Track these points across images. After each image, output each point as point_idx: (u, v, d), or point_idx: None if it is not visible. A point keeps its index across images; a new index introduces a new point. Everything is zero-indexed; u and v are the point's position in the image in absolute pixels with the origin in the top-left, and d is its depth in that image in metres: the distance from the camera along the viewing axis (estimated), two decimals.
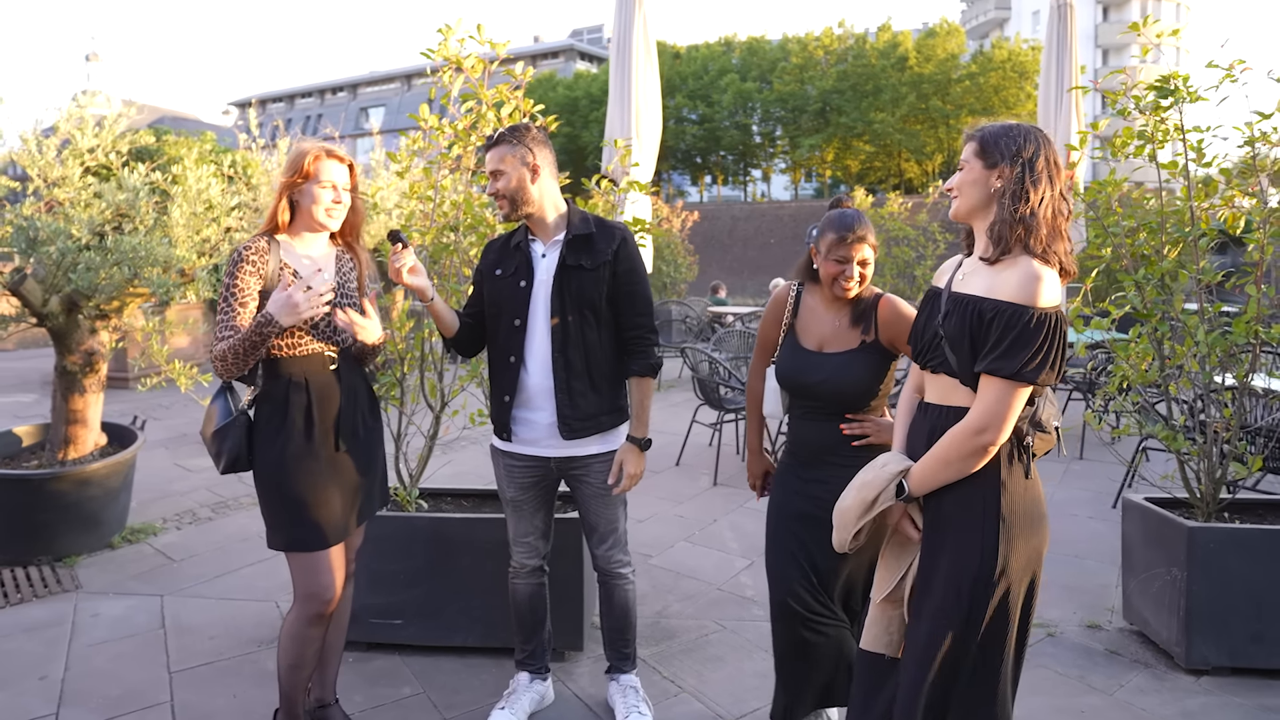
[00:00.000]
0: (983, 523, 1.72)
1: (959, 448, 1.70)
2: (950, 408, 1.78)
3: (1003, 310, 1.66)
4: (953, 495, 1.76)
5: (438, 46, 2.99)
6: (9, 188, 3.72)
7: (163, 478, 5.25)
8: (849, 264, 2.20)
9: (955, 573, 1.73)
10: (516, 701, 2.62)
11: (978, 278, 1.76)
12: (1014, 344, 1.64)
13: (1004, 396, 1.66)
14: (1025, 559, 1.73)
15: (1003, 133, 1.75)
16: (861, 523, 1.84)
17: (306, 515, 2.21)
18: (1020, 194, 1.70)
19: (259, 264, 2.19)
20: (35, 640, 3.16)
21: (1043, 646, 3.15)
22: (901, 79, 35.67)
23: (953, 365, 1.75)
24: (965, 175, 1.79)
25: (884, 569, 1.92)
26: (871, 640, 1.92)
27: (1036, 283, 1.65)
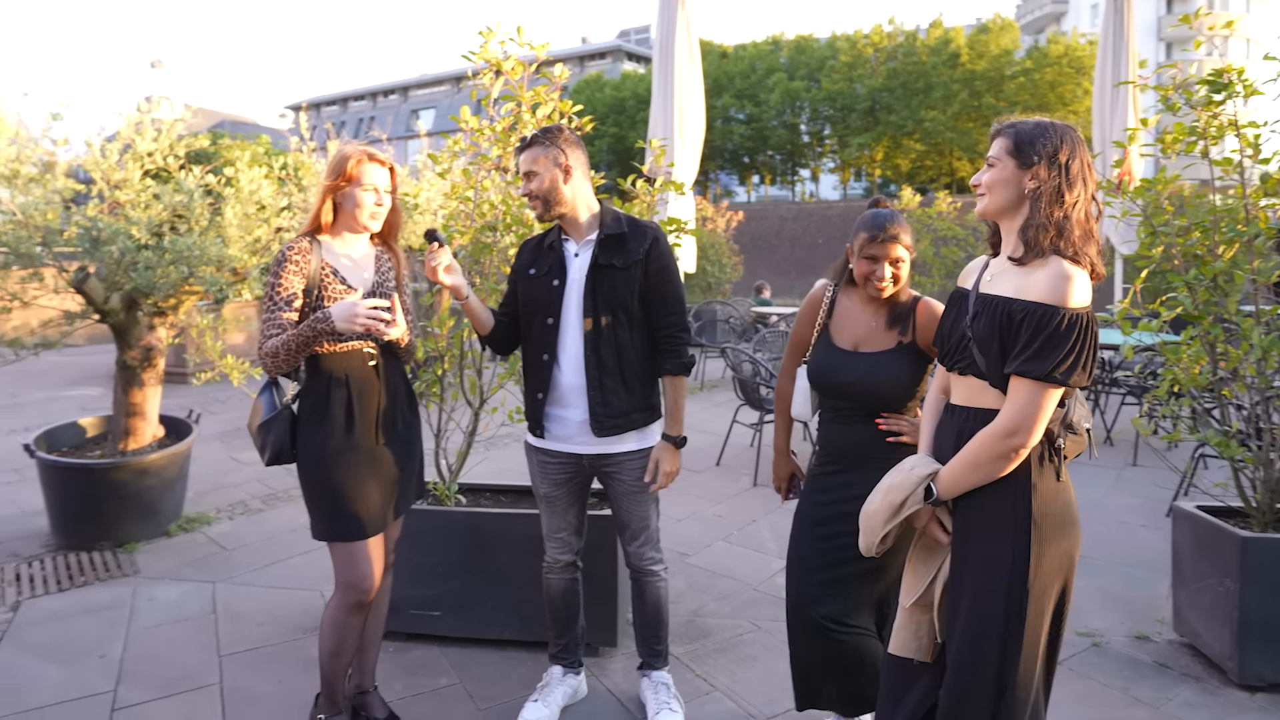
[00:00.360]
0: (1014, 526, 1.69)
1: (989, 451, 1.67)
2: (978, 410, 1.76)
3: (1033, 311, 1.64)
4: (982, 498, 1.73)
5: (479, 49, 3.04)
6: (75, 190, 3.91)
7: (217, 470, 5.44)
8: (880, 263, 2.18)
9: (986, 577, 1.71)
10: (550, 695, 2.66)
11: (1006, 278, 1.73)
12: (1044, 345, 1.61)
13: (1035, 398, 1.63)
14: (1057, 563, 1.70)
15: (1038, 132, 1.71)
16: (889, 526, 1.82)
17: (346, 507, 2.28)
18: (1056, 197, 1.67)
19: (302, 264, 2.27)
20: (97, 621, 3.31)
21: (1087, 656, 3.08)
22: (953, 76, 34.96)
23: (981, 367, 1.72)
24: (997, 174, 1.75)
25: (912, 573, 1.89)
26: (900, 645, 1.90)
27: (1067, 283, 1.62)
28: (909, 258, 2.22)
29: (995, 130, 1.80)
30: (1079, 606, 3.46)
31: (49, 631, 3.22)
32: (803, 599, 2.25)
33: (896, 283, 2.21)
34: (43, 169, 3.88)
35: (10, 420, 6.98)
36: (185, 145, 4.10)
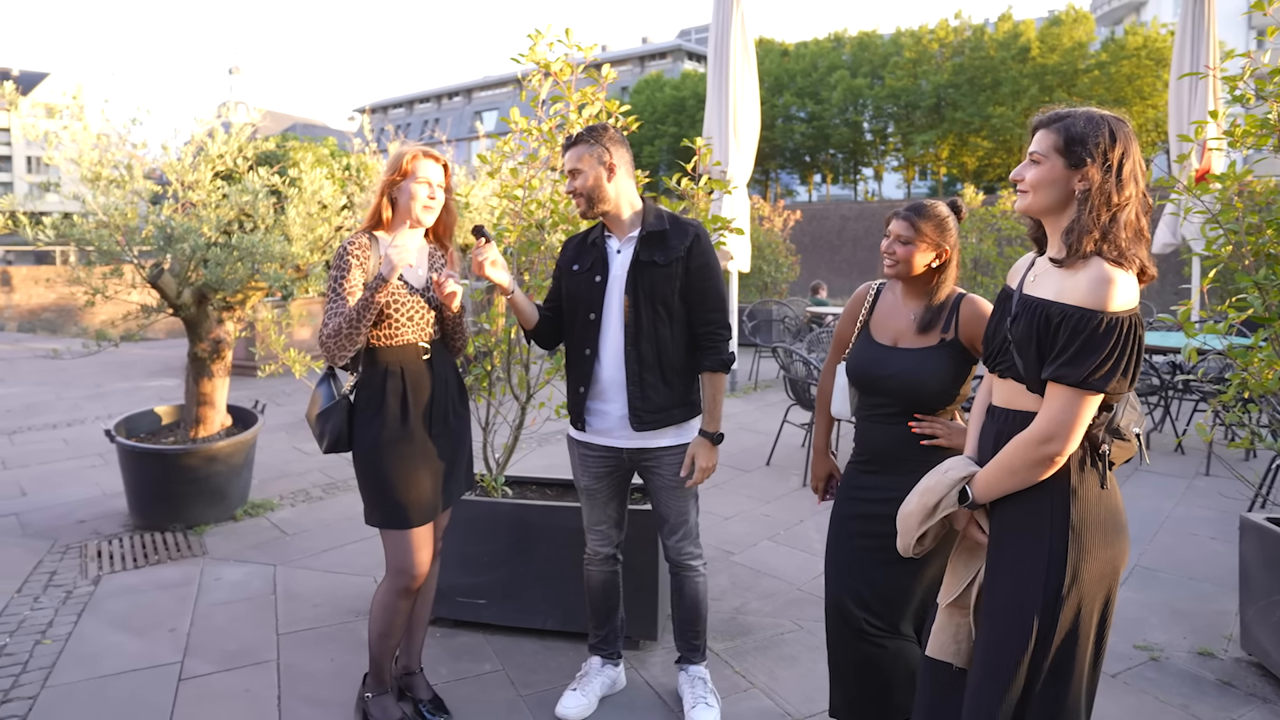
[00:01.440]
0: (1050, 531, 1.64)
1: (1024, 457, 1.63)
2: (1017, 412, 1.71)
3: (1070, 314, 1.58)
4: (1019, 502, 1.69)
5: (528, 51, 3.11)
6: (154, 191, 4.13)
7: (281, 459, 5.67)
8: (887, 239, 2.23)
9: (1021, 584, 1.66)
10: (588, 684, 2.71)
11: (1049, 279, 1.67)
12: (1081, 350, 1.56)
13: (1070, 405, 1.58)
14: (1099, 572, 1.64)
15: (1089, 128, 1.62)
16: (924, 528, 1.79)
17: (399, 495, 2.37)
18: (1105, 200, 1.60)
19: (361, 258, 2.36)
20: (167, 597, 3.51)
21: (1144, 670, 2.97)
22: (1023, 70, 33.84)
23: (1020, 370, 1.68)
24: (1042, 173, 1.67)
25: (952, 573, 1.87)
26: (938, 648, 1.86)
27: (1108, 286, 1.55)
28: (918, 240, 2.19)
29: (1039, 121, 1.71)
30: (1138, 619, 3.34)
31: (125, 605, 3.43)
32: (841, 598, 2.24)
33: (900, 263, 2.21)
34: (123, 171, 4.11)
35: (96, 408, 7.41)
36: (254, 148, 4.30)
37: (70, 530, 4.30)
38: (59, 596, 3.50)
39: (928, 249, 2.20)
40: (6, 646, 3.06)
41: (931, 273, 2.23)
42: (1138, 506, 4.72)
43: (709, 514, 4.55)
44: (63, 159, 4.07)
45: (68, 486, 5.06)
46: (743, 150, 7.59)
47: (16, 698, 2.73)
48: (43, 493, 4.95)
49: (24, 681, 2.83)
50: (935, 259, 2.21)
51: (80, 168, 4.04)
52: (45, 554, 3.98)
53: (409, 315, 2.40)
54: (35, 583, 3.65)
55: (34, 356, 10.76)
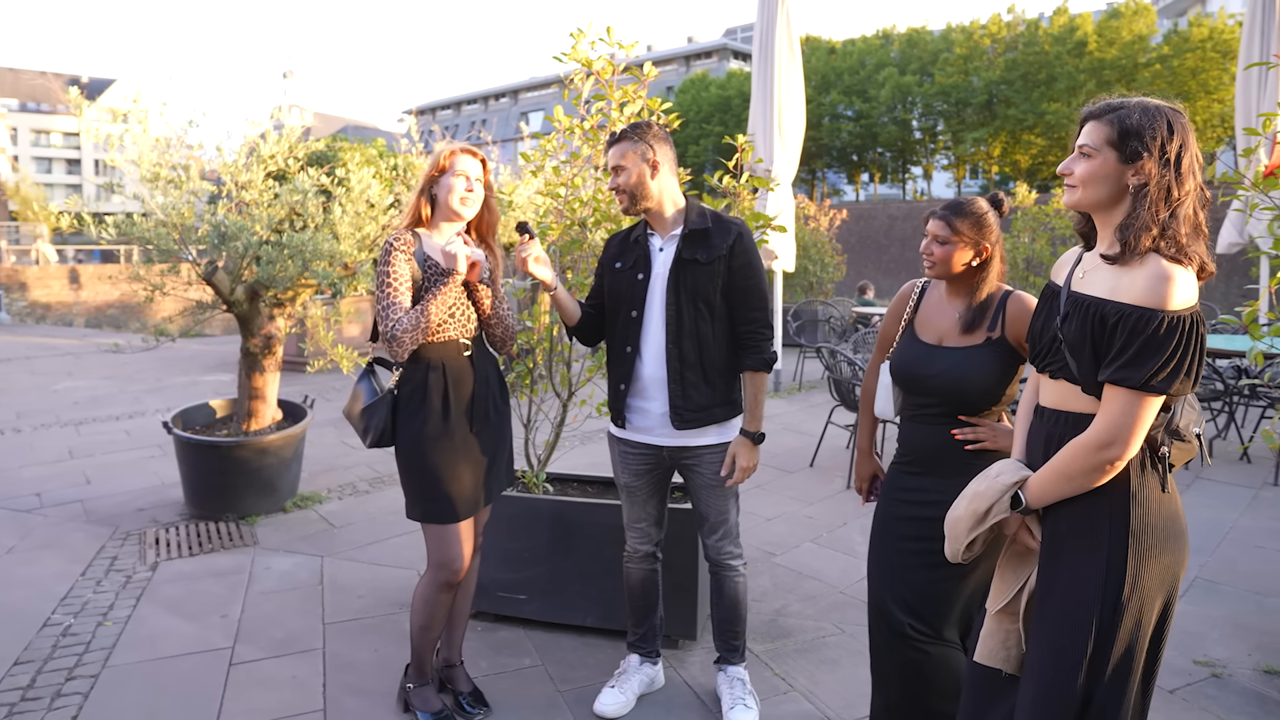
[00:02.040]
0: (1109, 538, 1.58)
1: (1081, 462, 1.57)
2: (1069, 414, 1.65)
3: (1128, 314, 1.51)
4: (1075, 508, 1.62)
5: (570, 50, 3.12)
6: (209, 191, 4.26)
7: (330, 453, 5.79)
8: (926, 239, 2.19)
9: (1079, 592, 1.60)
10: (626, 682, 2.71)
11: (1100, 276, 1.60)
12: (1141, 351, 1.49)
13: (1131, 409, 1.52)
14: (1158, 579, 1.58)
15: (1145, 121, 1.54)
16: (974, 534, 1.74)
17: (441, 490, 2.40)
18: (1164, 194, 1.52)
19: (407, 251, 2.39)
20: (220, 584, 3.61)
21: (1204, 687, 2.86)
22: (1079, 65, 32.88)
23: (1073, 371, 1.61)
24: (1094, 167, 1.60)
25: (1000, 579, 1.81)
26: (986, 654, 1.81)
27: (1167, 284, 1.48)
28: (956, 240, 2.15)
29: (1090, 113, 1.63)
30: (1199, 634, 3.22)
31: (180, 590, 3.54)
32: (881, 604, 2.20)
33: (939, 264, 2.17)
34: (181, 173, 4.24)
35: (156, 401, 7.67)
36: (304, 148, 4.40)
37: (130, 518, 4.46)
38: (119, 581, 3.64)
39: (966, 248, 2.15)
40: (71, 627, 3.19)
41: (973, 271, 2.18)
42: (1199, 516, 4.54)
43: (751, 515, 4.52)
44: (124, 160, 4.23)
45: (129, 476, 5.25)
46: (788, 149, 7.52)
47: (80, 675, 2.85)
48: (106, 481, 5.14)
49: (86, 661, 2.94)
50: (975, 257, 2.16)
51: (140, 169, 4.19)
52: (107, 540, 4.13)
53: (451, 312, 2.43)
54: (98, 567, 3.79)
55: (100, 351, 11.20)
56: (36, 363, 10.26)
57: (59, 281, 17.58)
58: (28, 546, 4.05)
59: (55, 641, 3.08)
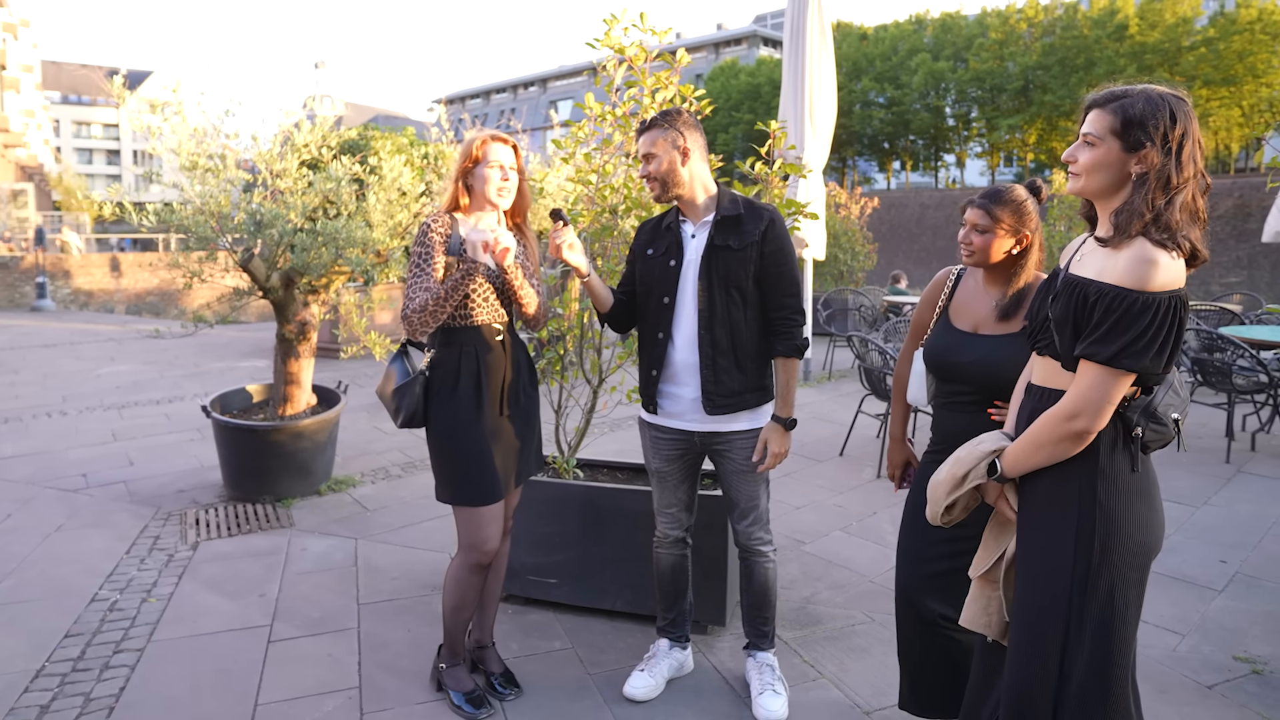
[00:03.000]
0: (1077, 512, 1.62)
1: (1050, 432, 1.61)
2: (1052, 390, 1.69)
3: (1106, 293, 1.54)
4: (1046, 479, 1.67)
5: (603, 36, 3.12)
6: (244, 179, 4.33)
7: (363, 438, 5.88)
8: (965, 228, 2.18)
9: (1050, 562, 1.65)
10: (656, 666, 2.73)
11: (1093, 259, 1.63)
12: (1114, 328, 1.52)
13: (1099, 383, 1.55)
14: (1128, 554, 1.61)
15: (1149, 110, 1.55)
16: (951, 497, 1.79)
17: (471, 473, 2.43)
18: (1163, 183, 1.54)
19: (444, 234, 2.42)
20: (258, 564, 3.70)
21: (1243, 684, 2.81)
22: (1119, 50, 32.10)
23: (1057, 348, 1.65)
24: (1098, 156, 1.61)
25: (984, 547, 1.87)
26: (970, 618, 1.88)
27: (1147, 266, 1.51)
28: (996, 229, 2.13)
29: (1094, 100, 1.64)
30: (1239, 630, 3.16)
31: (220, 570, 3.63)
32: (909, 590, 2.20)
33: (978, 252, 2.15)
34: (217, 161, 4.32)
35: (194, 386, 7.84)
36: (337, 137, 4.46)
37: (172, 499, 4.58)
38: (162, 559, 3.74)
39: (1006, 236, 2.12)
40: (117, 602, 3.29)
41: (1012, 259, 2.16)
42: (1240, 511, 4.45)
43: (780, 503, 4.51)
44: (164, 149, 4.31)
45: (169, 458, 5.39)
46: (819, 137, 7.45)
47: (126, 649, 2.94)
48: (148, 463, 5.28)
49: (132, 635, 3.04)
50: (1015, 245, 2.13)
51: (179, 158, 4.27)
52: (150, 520, 4.25)
53: (484, 296, 2.45)
54: (142, 545, 3.90)
55: (140, 337, 11.46)
56: (80, 348, 10.53)
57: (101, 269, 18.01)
58: (76, 525, 4.18)
59: (103, 616, 3.18)
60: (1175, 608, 3.34)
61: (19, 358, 9.74)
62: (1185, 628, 3.18)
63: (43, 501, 4.53)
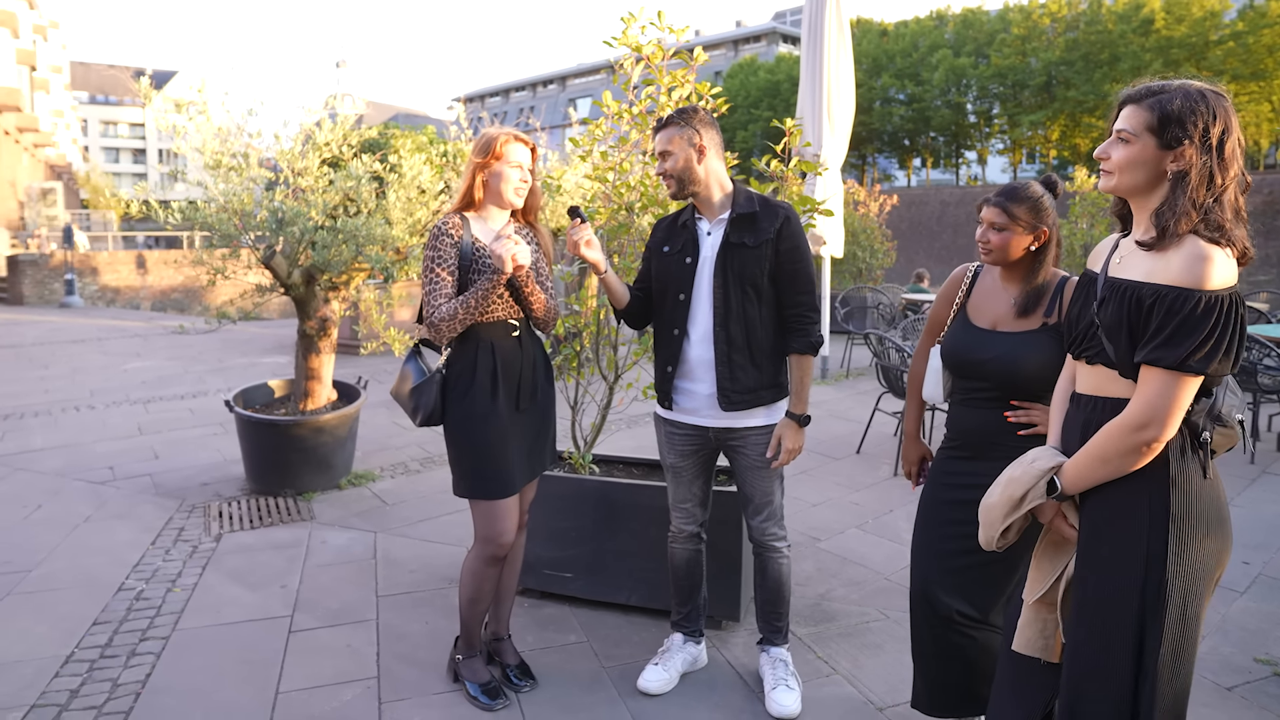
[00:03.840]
0: (1149, 525, 1.56)
1: (1117, 444, 1.55)
2: (1106, 399, 1.63)
3: (1164, 295, 1.50)
4: (1114, 493, 1.60)
5: (621, 35, 3.14)
6: (268, 178, 4.40)
7: (382, 433, 5.95)
8: (982, 226, 2.17)
9: (1117, 578, 1.59)
10: (670, 660, 2.75)
11: (1137, 260, 1.58)
12: (1177, 331, 1.48)
13: (1167, 389, 1.50)
14: (1201, 566, 1.57)
15: (1187, 106, 1.52)
16: (1008, 521, 1.73)
17: (487, 467, 2.46)
18: (1206, 181, 1.50)
19: (456, 236, 2.45)
20: (279, 556, 3.76)
21: (1265, 686, 2.78)
22: (1145, 44, 31.64)
23: (1110, 355, 1.60)
24: (1133, 153, 1.57)
25: (1037, 568, 1.80)
26: (1025, 644, 1.80)
27: (1204, 264, 1.47)
28: (1019, 231, 2.12)
29: (1129, 96, 1.60)
30: (1260, 631, 3.14)
31: (242, 561, 3.70)
32: (926, 587, 2.20)
33: (995, 250, 2.14)
34: (240, 160, 4.39)
35: (217, 381, 7.97)
36: (358, 136, 4.51)
37: (195, 492, 4.66)
38: (186, 550, 3.81)
39: (1024, 233, 2.12)
40: (143, 592, 3.37)
41: (1031, 256, 2.15)
42: (1264, 512, 4.39)
43: (796, 500, 4.52)
44: (189, 148, 4.38)
45: (193, 452, 5.48)
46: (837, 134, 7.42)
47: (152, 637, 3.01)
48: (172, 456, 5.38)
49: (158, 624, 3.11)
50: (1033, 242, 2.13)
51: (204, 156, 4.35)
52: (174, 512, 4.33)
53: (500, 294, 2.48)
54: (166, 537, 3.98)
55: (165, 333, 11.65)
56: (107, 343, 10.73)
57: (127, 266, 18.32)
58: (103, 516, 4.27)
59: (129, 605, 3.25)
60: None
61: (48, 353, 9.94)
62: (1206, 629, 3.12)
63: (71, 493, 4.63)
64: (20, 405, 6.95)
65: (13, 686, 2.68)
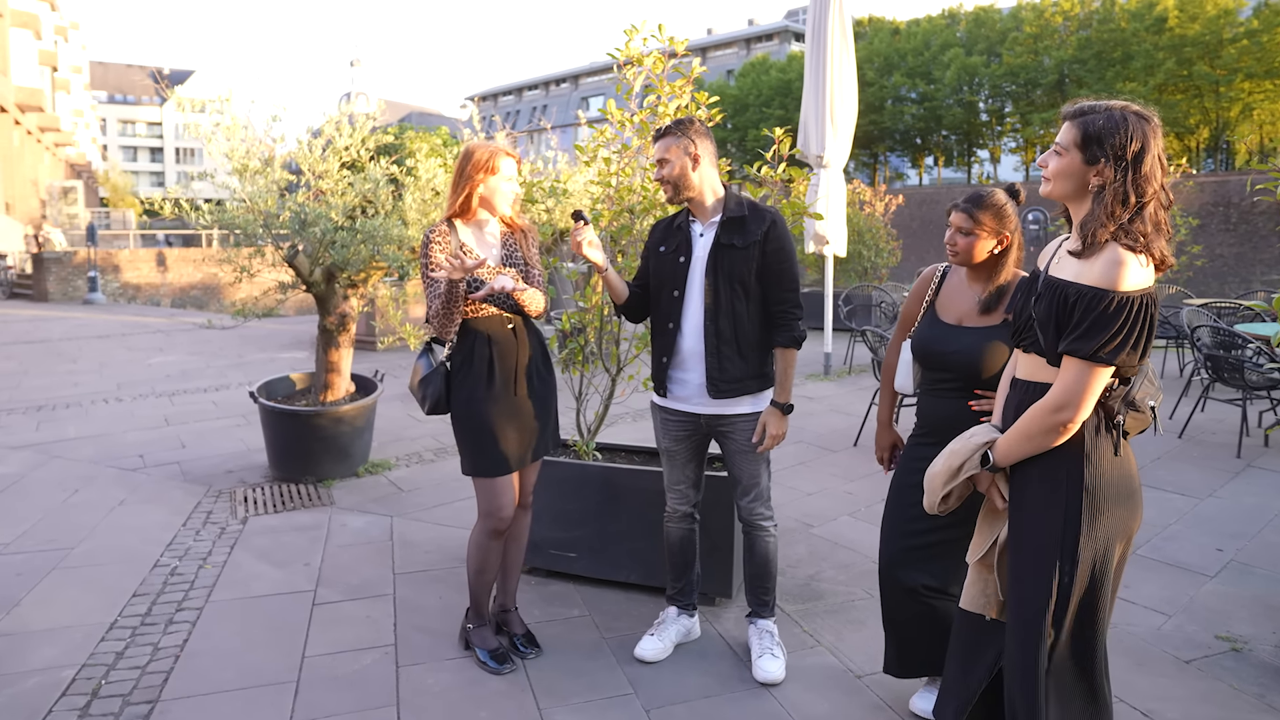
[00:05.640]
0: (1066, 494, 1.78)
1: (1039, 423, 1.77)
2: (1037, 384, 1.84)
3: (1084, 294, 1.70)
4: (1036, 466, 1.82)
5: (623, 47, 3.35)
6: (289, 180, 4.65)
7: (398, 425, 6.19)
8: (950, 230, 2.36)
9: (1041, 541, 1.81)
10: (665, 631, 2.96)
11: (1069, 262, 1.79)
12: (1092, 326, 1.68)
13: (1081, 377, 1.71)
14: (1111, 531, 1.78)
15: (1109, 127, 1.70)
16: (948, 488, 1.95)
17: (487, 447, 2.69)
18: (1121, 197, 1.68)
19: (443, 244, 2.69)
20: (302, 538, 4.00)
21: (1222, 660, 2.96)
22: (1158, 43, 31.48)
23: (1041, 345, 1.81)
24: (1063, 164, 1.77)
25: (978, 533, 2.02)
26: (969, 601, 2.03)
27: (1119, 268, 1.67)
28: (976, 231, 2.31)
29: (1066, 113, 1.80)
30: (1224, 612, 3.30)
31: (267, 542, 3.94)
32: (892, 562, 2.40)
33: (962, 253, 2.33)
34: (264, 163, 4.63)
35: (239, 375, 8.24)
36: (375, 140, 4.75)
37: (221, 478, 4.91)
38: (215, 531, 4.07)
39: (988, 237, 2.31)
40: (177, 568, 3.62)
41: (994, 258, 2.34)
42: (1244, 503, 4.55)
43: (792, 489, 4.71)
44: (217, 152, 4.63)
45: (218, 441, 5.75)
46: (839, 135, 7.59)
47: (187, 608, 3.26)
48: (198, 446, 5.64)
49: (192, 596, 3.36)
50: (997, 245, 2.32)
51: (231, 160, 4.59)
52: (203, 497, 4.58)
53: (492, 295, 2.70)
54: (196, 519, 4.24)
55: (186, 329, 11.96)
56: (131, 339, 11.04)
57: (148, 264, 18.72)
58: (136, 500, 4.53)
59: (165, 579, 3.50)
60: (1165, 591, 3.48)
61: (76, 348, 10.26)
62: (1172, 609, 3.33)
63: (105, 479, 4.90)
64: (52, 397, 7.25)
65: (65, 648, 2.93)
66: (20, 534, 4.02)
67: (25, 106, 29.43)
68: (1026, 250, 2.44)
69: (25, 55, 30.83)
